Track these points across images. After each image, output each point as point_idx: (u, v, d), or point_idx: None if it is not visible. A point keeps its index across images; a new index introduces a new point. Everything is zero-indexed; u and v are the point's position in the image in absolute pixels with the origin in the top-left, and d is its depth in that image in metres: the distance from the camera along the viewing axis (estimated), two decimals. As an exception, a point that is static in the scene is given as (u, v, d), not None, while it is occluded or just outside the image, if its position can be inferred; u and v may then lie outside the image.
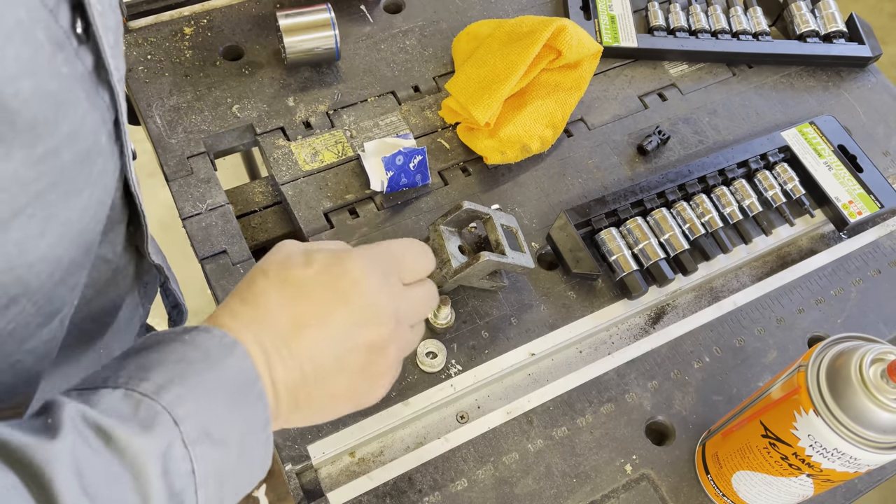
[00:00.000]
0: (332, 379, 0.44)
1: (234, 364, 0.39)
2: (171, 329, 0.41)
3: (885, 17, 2.53)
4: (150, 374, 0.36)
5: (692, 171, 0.74)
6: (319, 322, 0.43)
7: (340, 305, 0.43)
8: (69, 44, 0.34)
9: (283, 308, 0.42)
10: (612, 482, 0.60)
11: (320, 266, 0.44)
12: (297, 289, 0.43)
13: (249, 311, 0.42)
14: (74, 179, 0.37)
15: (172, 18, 0.82)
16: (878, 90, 0.86)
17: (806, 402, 0.46)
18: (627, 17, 0.86)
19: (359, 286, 0.44)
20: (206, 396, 0.37)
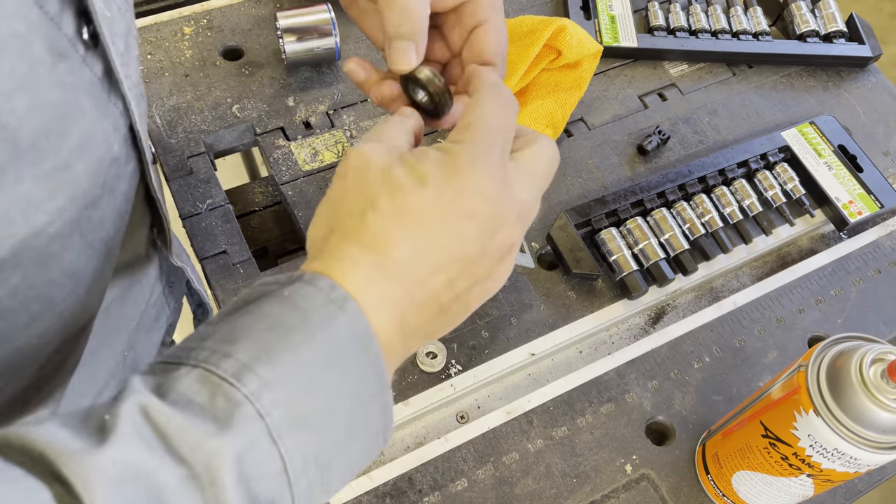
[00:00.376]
0: (466, 295, 0.40)
1: (343, 325, 0.34)
2: (273, 278, 0.36)
3: (885, 17, 2.53)
4: (235, 346, 0.32)
5: (692, 171, 0.74)
6: (451, 244, 0.37)
7: (468, 220, 0.37)
8: (74, 51, 0.32)
9: (410, 244, 0.36)
10: (613, 482, 0.60)
11: (436, 182, 0.37)
12: (420, 216, 0.37)
13: (372, 257, 0.36)
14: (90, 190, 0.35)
15: (172, 18, 0.82)
16: (878, 90, 0.86)
17: (806, 402, 0.46)
18: (627, 16, 0.86)
19: (483, 194, 0.38)
20: (302, 374, 0.32)
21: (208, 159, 0.73)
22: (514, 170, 0.40)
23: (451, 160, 0.38)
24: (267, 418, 0.30)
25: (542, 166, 0.42)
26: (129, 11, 0.38)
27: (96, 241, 0.38)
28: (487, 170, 0.38)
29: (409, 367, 0.64)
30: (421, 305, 0.37)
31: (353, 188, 0.38)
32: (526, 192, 0.40)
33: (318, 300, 0.34)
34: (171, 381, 0.31)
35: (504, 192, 0.39)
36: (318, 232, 0.39)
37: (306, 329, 0.33)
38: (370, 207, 0.37)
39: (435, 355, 0.64)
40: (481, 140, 0.39)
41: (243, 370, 0.31)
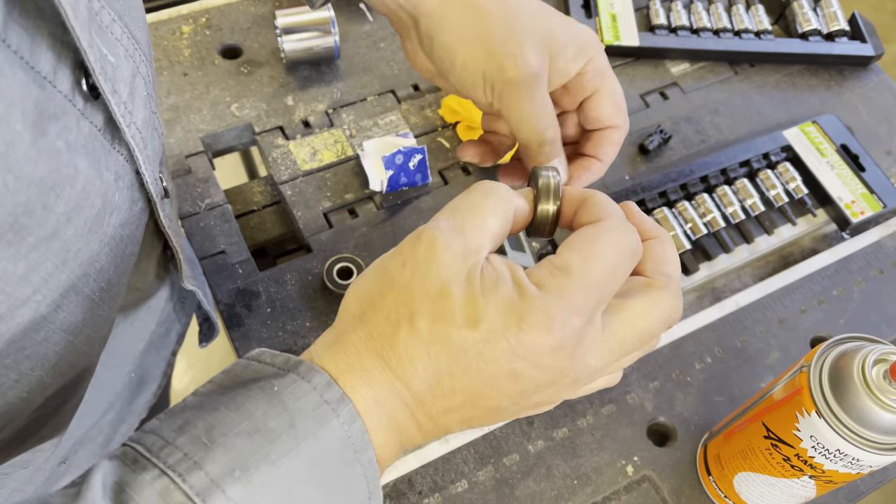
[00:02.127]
0: (480, 424, 0.36)
1: (334, 432, 0.31)
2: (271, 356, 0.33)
3: (887, 16, 2.53)
4: (209, 454, 0.29)
5: (694, 171, 0.74)
6: (479, 396, 0.33)
7: (509, 381, 0.33)
8: (72, 107, 0.30)
9: (433, 378, 0.33)
10: (614, 483, 0.60)
11: (489, 331, 0.32)
12: (455, 357, 0.32)
13: (390, 379, 0.33)
14: (86, 249, 0.34)
15: (171, 17, 0.82)
16: (880, 89, 0.86)
17: (808, 403, 0.46)
18: (629, 15, 0.86)
19: (539, 362, 0.33)
20: (279, 491, 0.29)
21: (207, 158, 0.73)
22: (597, 334, 0.34)
23: (521, 312, 0.32)
24: None
25: (640, 331, 0.35)
26: (136, 51, 0.36)
27: (96, 293, 0.36)
28: (559, 339, 0.32)
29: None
30: (427, 432, 0.35)
31: (404, 284, 0.34)
32: (597, 360, 0.34)
33: (309, 401, 0.31)
34: (135, 486, 0.28)
35: (567, 363, 0.33)
36: (354, 305, 0.35)
37: (292, 435, 0.30)
38: (407, 322, 0.33)
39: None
40: (569, 299, 0.33)
41: (211, 488, 0.28)
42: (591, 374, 0.35)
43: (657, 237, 0.38)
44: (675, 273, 0.37)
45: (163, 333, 0.58)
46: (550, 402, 0.36)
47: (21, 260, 0.29)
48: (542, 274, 0.34)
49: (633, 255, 0.35)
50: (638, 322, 0.35)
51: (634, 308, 0.35)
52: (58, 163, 0.30)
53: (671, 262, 0.37)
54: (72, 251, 0.33)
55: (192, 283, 0.54)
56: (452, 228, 0.34)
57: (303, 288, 0.66)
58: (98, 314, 0.38)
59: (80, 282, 0.34)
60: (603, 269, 0.34)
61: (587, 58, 0.47)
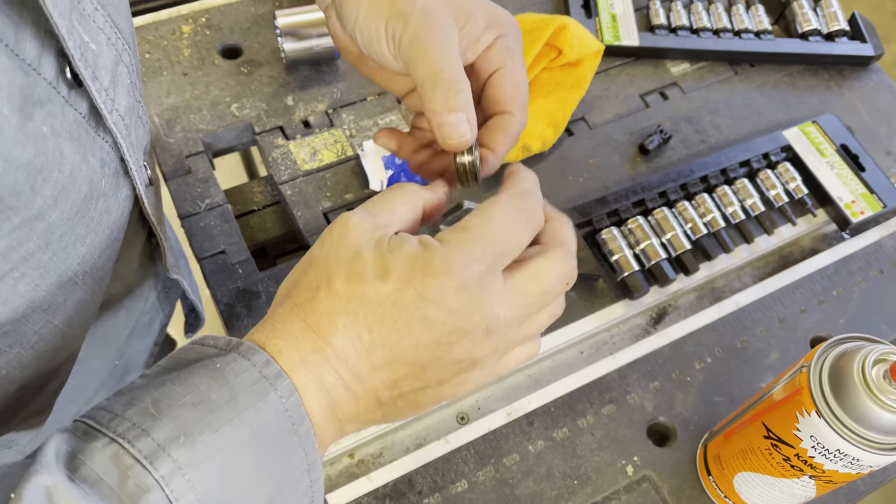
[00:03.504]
0: (413, 396, 0.38)
1: (272, 405, 0.33)
2: (209, 345, 0.35)
3: (887, 16, 2.53)
4: (156, 423, 0.31)
5: (694, 171, 0.73)
6: (398, 347, 0.36)
7: (421, 327, 0.35)
8: (56, 94, 0.31)
9: (353, 334, 0.35)
10: (614, 483, 0.60)
11: (398, 280, 0.35)
12: (370, 310, 0.35)
13: (312, 338, 0.35)
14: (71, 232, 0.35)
15: (171, 17, 0.82)
16: (880, 89, 0.86)
17: (808, 403, 0.46)
18: (629, 15, 0.86)
19: (445, 304, 0.35)
20: (222, 455, 0.31)
21: (207, 158, 0.73)
22: (499, 285, 0.37)
23: (424, 261, 0.36)
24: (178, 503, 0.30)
25: (540, 286, 0.39)
26: (119, 40, 0.37)
27: (79, 276, 0.37)
28: (459, 281, 0.35)
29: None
30: (357, 396, 0.36)
31: (322, 258, 0.37)
32: (505, 310, 0.37)
33: (249, 376, 0.33)
34: (86, 452, 0.30)
35: (472, 308, 0.36)
36: (283, 288, 0.38)
37: (233, 406, 0.32)
38: (326, 286, 0.36)
39: (434, 356, 0.63)
40: (467, 250, 0.36)
41: (158, 452, 0.30)
42: (504, 327, 0.37)
43: (556, 219, 0.42)
44: (569, 240, 0.41)
45: (147, 323, 0.58)
46: (471, 359, 0.37)
47: (3, 238, 0.30)
48: (444, 233, 0.38)
49: (530, 220, 0.39)
50: (538, 277, 0.38)
51: (533, 265, 0.38)
52: (44, 147, 0.31)
53: (567, 233, 0.41)
54: (56, 234, 0.34)
55: (176, 273, 0.54)
56: (363, 211, 0.38)
57: (303, 288, 0.66)
58: (81, 298, 0.39)
59: (63, 264, 0.35)
60: (499, 227, 0.37)
61: (499, 32, 0.45)
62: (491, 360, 0.38)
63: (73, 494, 0.28)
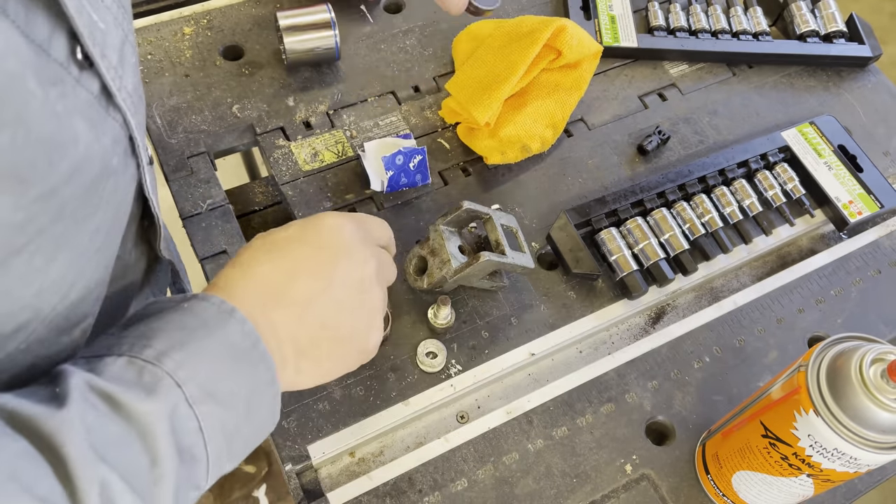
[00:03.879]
0: (333, 319, 0.47)
1: (234, 328, 0.41)
2: (170, 297, 0.43)
3: (885, 17, 2.53)
4: (151, 341, 0.38)
5: (692, 171, 0.74)
6: (308, 270, 0.46)
7: (323, 251, 0.47)
8: (68, 74, 0.32)
9: (271, 266, 0.46)
10: (613, 482, 0.60)
11: (297, 226, 0.49)
12: (281, 246, 0.47)
13: (241, 274, 0.45)
14: (83, 207, 0.36)
15: (172, 18, 0.82)
16: (878, 90, 0.86)
17: (806, 402, 0.46)
18: (627, 17, 0.86)
19: (335, 232, 0.48)
20: (207, 360, 0.39)
21: (208, 159, 0.73)
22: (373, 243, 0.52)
23: (315, 215, 0.50)
24: (184, 387, 0.37)
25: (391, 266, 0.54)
26: (125, 19, 0.38)
27: (90, 251, 0.39)
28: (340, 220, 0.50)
29: (409, 367, 0.64)
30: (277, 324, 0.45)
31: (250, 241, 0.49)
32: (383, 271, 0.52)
33: (211, 311, 0.41)
34: (101, 366, 0.37)
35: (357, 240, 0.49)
36: None
37: (206, 330, 0.40)
38: (247, 245, 0.48)
39: (435, 355, 0.64)
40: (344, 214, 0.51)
41: (161, 355, 0.38)
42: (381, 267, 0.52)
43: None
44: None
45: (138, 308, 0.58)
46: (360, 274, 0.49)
47: (21, 210, 0.32)
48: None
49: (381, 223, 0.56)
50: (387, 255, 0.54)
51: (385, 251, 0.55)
52: (60, 125, 0.32)
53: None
54: (68, 208, 0.35)
55: (167, 255, 0.55)
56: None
57: (304, 288, 0.66)
58: (91, 274, 0.40)
59: (74, 239, 0.37)
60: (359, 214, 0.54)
61: None
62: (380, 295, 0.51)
63: (107, 384, 0.35)
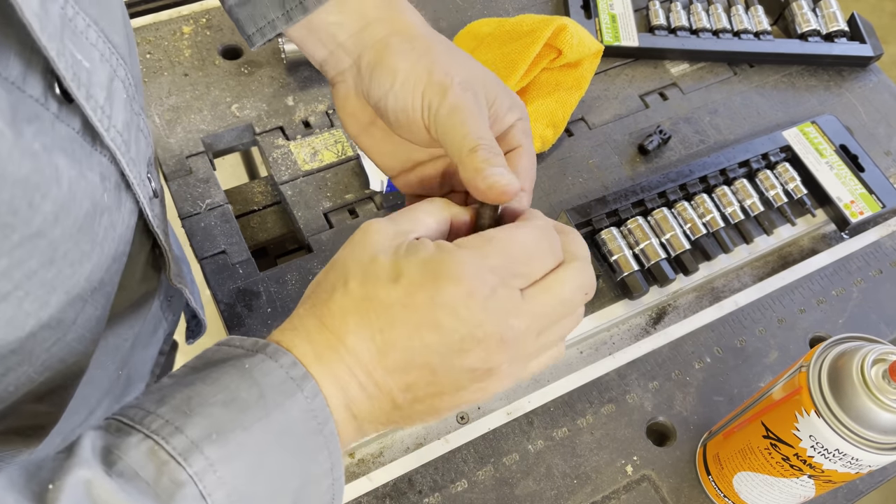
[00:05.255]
0: (430, 400, 0.38)
1: (299, 405, 0.34)
2: (240, 341, 0.36)
3: (886, 17, 2.53)
4: (189, 420, 0.32)
5: (693, 171, 0.74)
6: (409, 350, 0.36)
7: (432, 331, 0.36)
8: (45, 111, 0.31)
9: (365, 334, 0.36)
10: (613, 483, 0.60)
11: (409, 284, 0.36)
12: (382, 312, 0.36)
13: (327, 336, 0.36)
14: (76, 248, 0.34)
15: (171, 18, 0.82)
16: (879, 89, 0.86)
17: (807, 402, 0.46)
18: (628, 16, 0.86)
19: (455, 310, 0.36)
20: (252, 452, 0.33)
21: (207, 159, 0.73)
22: (515, 297, 0.37)
23: (437, 265, 0.36)
24: (209, 499, 0.31)
25: (558, 297, 0.39)
26: (113, 55, 0.36)
27: (87, 292, 0.37)
28: (468, 287, 0.36)
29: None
30: (371, 396, 0.37)
31: (342, 261, 0.38)
32: (521, 321, 0.37)
33: (277, 376, 0.34)
34: (122, 447, 0.31)
35: (483, 316, 0.36)
36: (307, 290, 0.40)
37: (262, 406, 0.33)
38: (342, 286, 0.37)
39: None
40: (484, 257, 0.37)
41: (192, 449, 0.31)
42: (519, 338, 0.38)
43: (567, 232, 0.42)
44: (583, 252, 0.41)
45: (150, 331, 0.57)
46: (487, 368, 0.37)
47: (4, 256, 0.30)
48: (466, 239, 0.38)
49: (552, 252, 0.39)
50: (555, 289, 0.39)
51: (550, 277, 0.39)
52: (39, 163, 0.30)
53: (580, 246, 0.41)
54: (60, 250, 0.33)
55: (180, 282, 0.54)
56: (389, 219, 0.40)
57: (303, 288, 0.66)
58: (89, 313, 0.38)
59: (70, 281, 0.35)
60: (522, 246, 0.38)
61: (519, 115, 0.47)
62: (509, 369, 0.38)
63: (112, 488, 0.29)
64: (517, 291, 0.38)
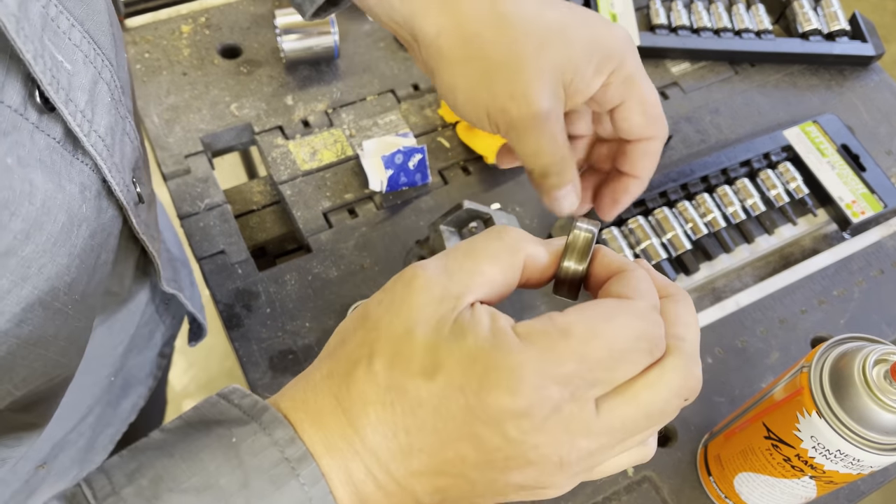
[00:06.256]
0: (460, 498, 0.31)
1: (292, 495, 0.28)
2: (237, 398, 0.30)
3: (888, 16, 2.52)
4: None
5: (694, 171, 0.73)
6: (440, 460, 0.29)
7: (470, 446, 0.28)
8: (24, 121, 0.30)
9: (387, 431, 0.29)
10: (614, 484, 0.60)
11: (448, 384, 0.28)
12: (410, 411, 0.29)
13: (341, 423, 0.29)
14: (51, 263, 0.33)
15: (170, 17, 0.82)
16: (881, 89, 0.85)
17: (808, 403, 0.46)
18: (629, 14, 0.86)
19: (502, 430, 0.28)
20: None
21: (206, 158, 0.73)
22: (587, 414, 0.29)
23: (488, 364, 0.28)
24: None
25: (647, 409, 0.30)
26: (98, 56, 0.35)
27: (68, 305, 0.35)
28: (524, 405, 0.28)
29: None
30: (391, 494, 0.30)
31: (374, 319, 0.31)
32: (589, 442, 0.29)
33: (268, 457, 0.28)
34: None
35: (538, 439, 0.28)
36: (333, 339, 0.33)
37: (244, 498, 0.27)
38: (366, 362, 0.30)
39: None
40: (553, 363, 0.28)
41: None
42: (590, 457, 0.30)
43: (671, 296, 0.33)
44: (689, 335, 0.31)
45: (146, 336, 0.56)
46: (541, 486, 0.30)
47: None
48: (534, 326, 0.30)
49: (651, 351, 0.30)
50: (643, 399, 0.30)
51: (639, 383, 0.30)
52: (10, 180, 0.29)
53: (685, 321, 0.32)
54: (34, 267, 0.32)
55: (173, 287, 0.52)
56: (441, 269, 0.31)
57: (303, 288, 0.66)
58: (73, 325, 0.37)
59: (48, 296, 0.33)
60: (609, 349, 0.29)
61: (611, 68, 0.42)
62: (569, 483, 0.31)
63: None
64: (591, 404, 0.29)
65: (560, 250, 0.34)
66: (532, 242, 0.33)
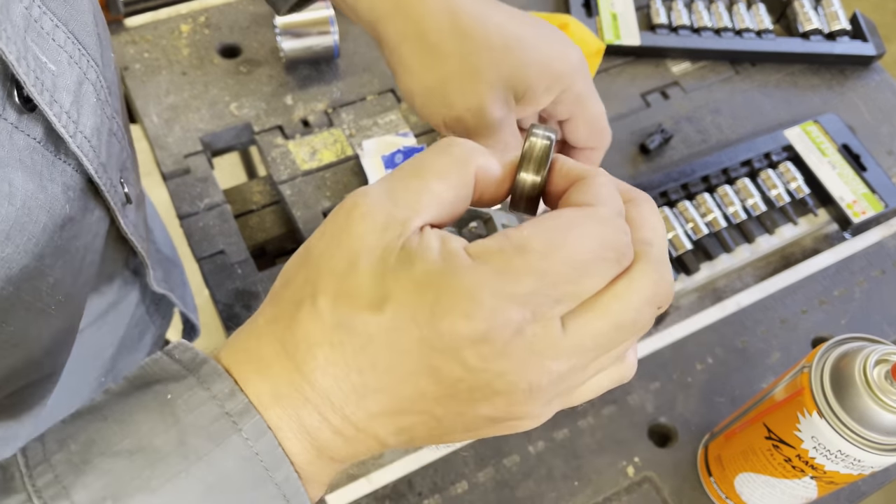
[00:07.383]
0: (435, 438, 0.30)
1: (235, 451, 0.26)
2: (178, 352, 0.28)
3: (889, 15, 2.52)
4: (79, 479, 0.25)
5: (695, 171, 0.73)
6: (399, 397, 0.27)
7: (429, 380, 0.26)
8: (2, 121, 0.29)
9: (338, 372, 0.27)
10: (614, 485, 0.60)
11: (397, 314, 0.26)
12: (360, 348, 0.26)
13: (288, 369, 0.27)
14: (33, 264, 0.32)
15: (170, 16, 0.82)
16: (882, 88, 0.85)
17: (809, 403, 0.46)
18: (630, 14, 0.86)
19: (461, 359, 0.26)
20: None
21: (206, 158, 0.73)
22: (553, 334, 0.26)
23: (439, 289, 0.25)
24: None
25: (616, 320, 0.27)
26: (83, 57, 0.35)
27: (51, 306, 0.35)
28: (485, 329, 0.25)
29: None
30: (350, 439, 0.28)
31: (315, 256, 0.28)
32: (559, 364, 0.27)
33: (206, 413, 0.26)
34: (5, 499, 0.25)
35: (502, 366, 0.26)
36: (277, 281, 0.30)
37: (180, 456, 0.25)
38: (311, 301, 0.27)
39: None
40: (511, 282, 0.26)
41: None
42: (562, 380, 0.27)
43: (633, 199, 0.30)
44: (657, 239, 0.29)
45: (136, 336, 0.56)
46: (514, 417, 0.28)
47: None
48: (488, 245, 0.27)
49: (618, 260, 0.27)
50: (613, 310, 0.27)
51: (608, 294, 0.27)
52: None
53: (651, 224, 0.29)
54: (14, 268, 0.31)
55: (164, 287, 0.52)
56: (384, 192, 0.28)
57: (302, 288, 0.66)
58: (57, 327, 0.36)
59: (30, 297, 0.33)
60: (571, 261, 0.26)
61: (561, 88, 0.44)
62: (545, 411, 0.29)
63: None
64: (556, 323, 0.27)
65: (515, 162, 0.31)
66: (483, 154, 0.30)
